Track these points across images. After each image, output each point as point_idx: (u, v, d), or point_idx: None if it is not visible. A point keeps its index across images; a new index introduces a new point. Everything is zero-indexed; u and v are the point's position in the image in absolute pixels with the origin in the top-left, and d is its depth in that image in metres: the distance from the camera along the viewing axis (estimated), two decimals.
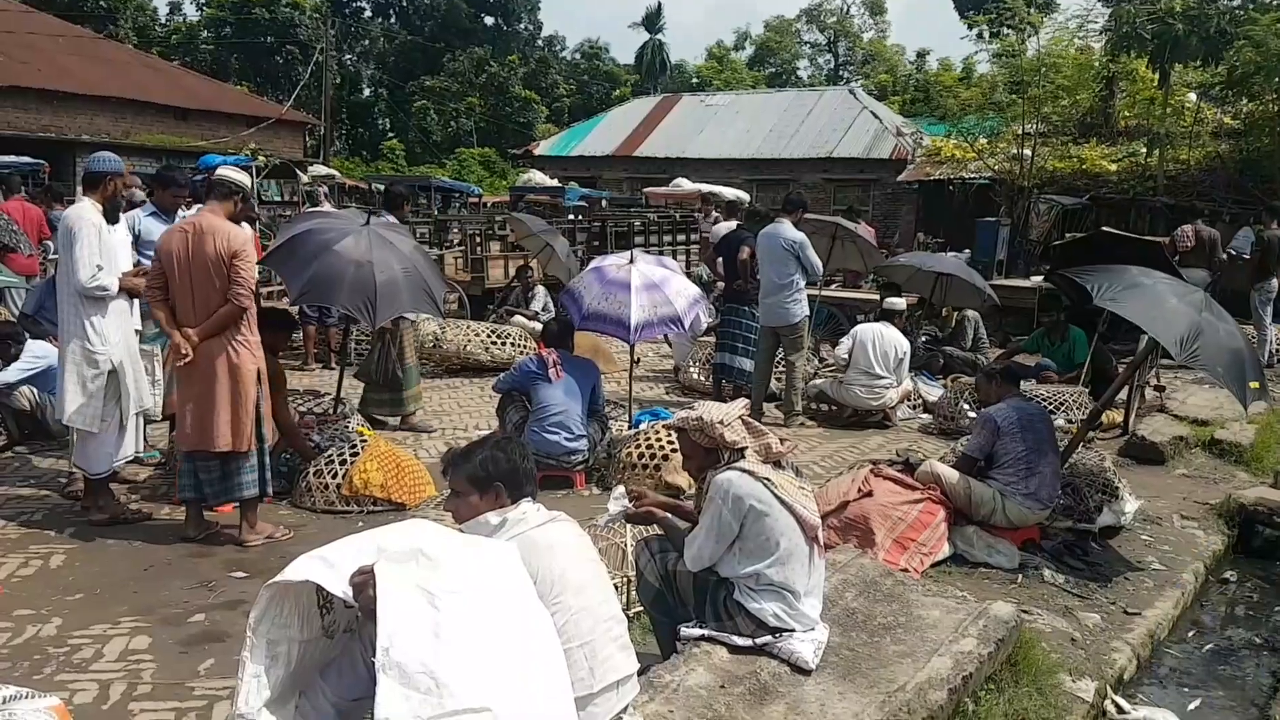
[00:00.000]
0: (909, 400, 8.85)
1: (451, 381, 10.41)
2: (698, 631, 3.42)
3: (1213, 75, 17.47)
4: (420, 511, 5.92)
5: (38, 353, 6.90)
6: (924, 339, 9.91)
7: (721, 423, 3.43)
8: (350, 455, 6.08)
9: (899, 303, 9.32)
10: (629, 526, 4.40)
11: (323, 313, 10.35)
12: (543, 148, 32.24)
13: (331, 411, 6.96)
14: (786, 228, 8.43)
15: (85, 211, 5.26)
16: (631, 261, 6.93)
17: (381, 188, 23.74)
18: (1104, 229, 9.68)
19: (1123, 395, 9.05)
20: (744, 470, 3.39)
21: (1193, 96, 19.10)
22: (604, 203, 20.45)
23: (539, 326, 11.82)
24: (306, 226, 6.14)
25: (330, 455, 6.12)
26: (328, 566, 2.34)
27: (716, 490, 3.38)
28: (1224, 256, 12.18)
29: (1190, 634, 4.97)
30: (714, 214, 14.47)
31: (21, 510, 5.72)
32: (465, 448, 3.01)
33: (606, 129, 31.13)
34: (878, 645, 3.57)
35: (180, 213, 6.64)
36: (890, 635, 3.64)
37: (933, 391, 9.11)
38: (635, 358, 8.46)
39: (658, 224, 16.52)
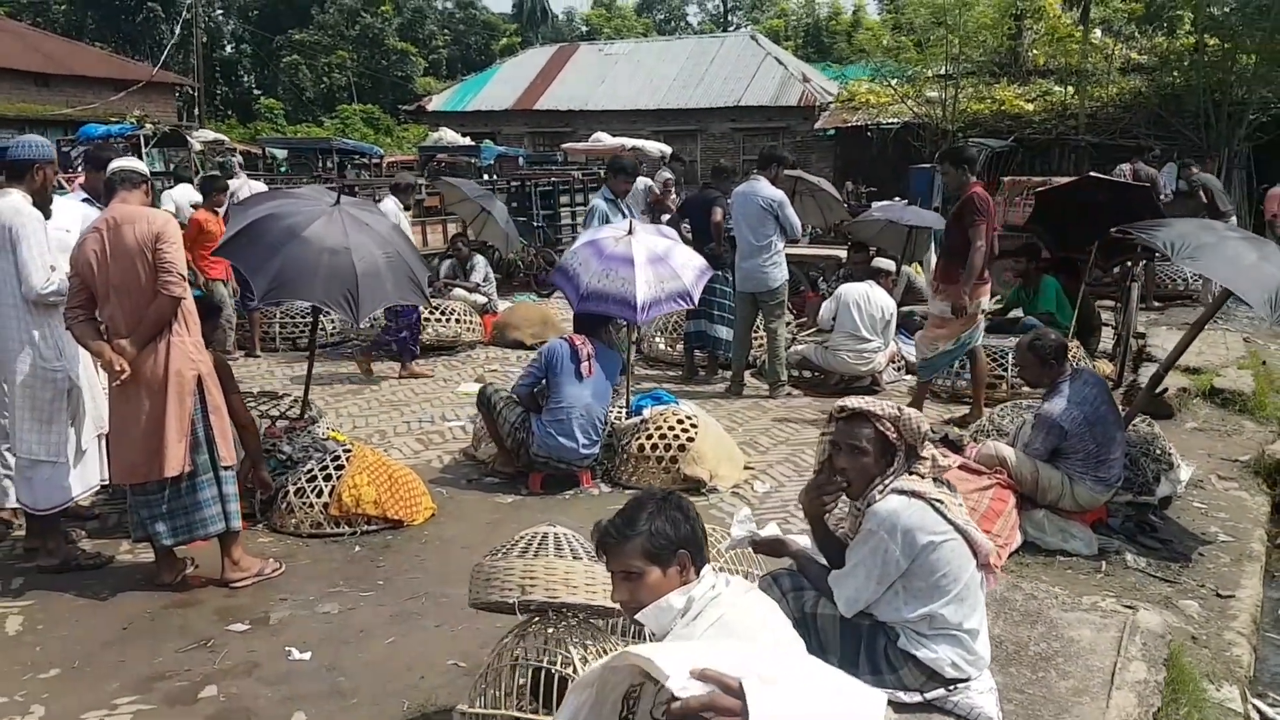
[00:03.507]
0: (894, 362, 8.50)
1: (394, 365, 9.60)
2: None
3: (1117, 11, 17.62)
4: (421, 530, 5.28)
5: None
6: None
7: (923, 424, 2.90)
8: (334, 468, 5.36)
9: (887, 262, 8.92)
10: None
11: (244, 295, 9.38)
12: (436, 102, 30.85)
13: (299, 416, 6.16)
14: (764, 185, 7.92)
15: (21, 205, 4.38)
16: (630, 232, 6.29)
17: (275, 153, 22.29)
18: (1091, 174, 9.45)
19: (1106, 345, 8.96)
20: (911, 493, 2.87)
21: (1098, 33, 19.30)
22: (521, 160, 19.54)
23: (482, 299, 11.11)
24: (266, 210, 5.31)
25: (311, 469, 5.39)
26: (669, 658, 1.61)
27: (879, 523, 2.85)
28: (1166, 196, 12.21)
29: None
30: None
31: None
32: (621, 516, 2.38)
33: (503, 81, 29.94)
34: (1046, 682, 3.14)
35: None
36: (1053, 667, 3.23)
37: (914, 352, 8.78)
38: (636, 336, 7.85)
39: (582, 182, 15.78)
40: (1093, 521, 4.99)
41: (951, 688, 2.90)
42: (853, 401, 3.01)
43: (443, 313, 10.14)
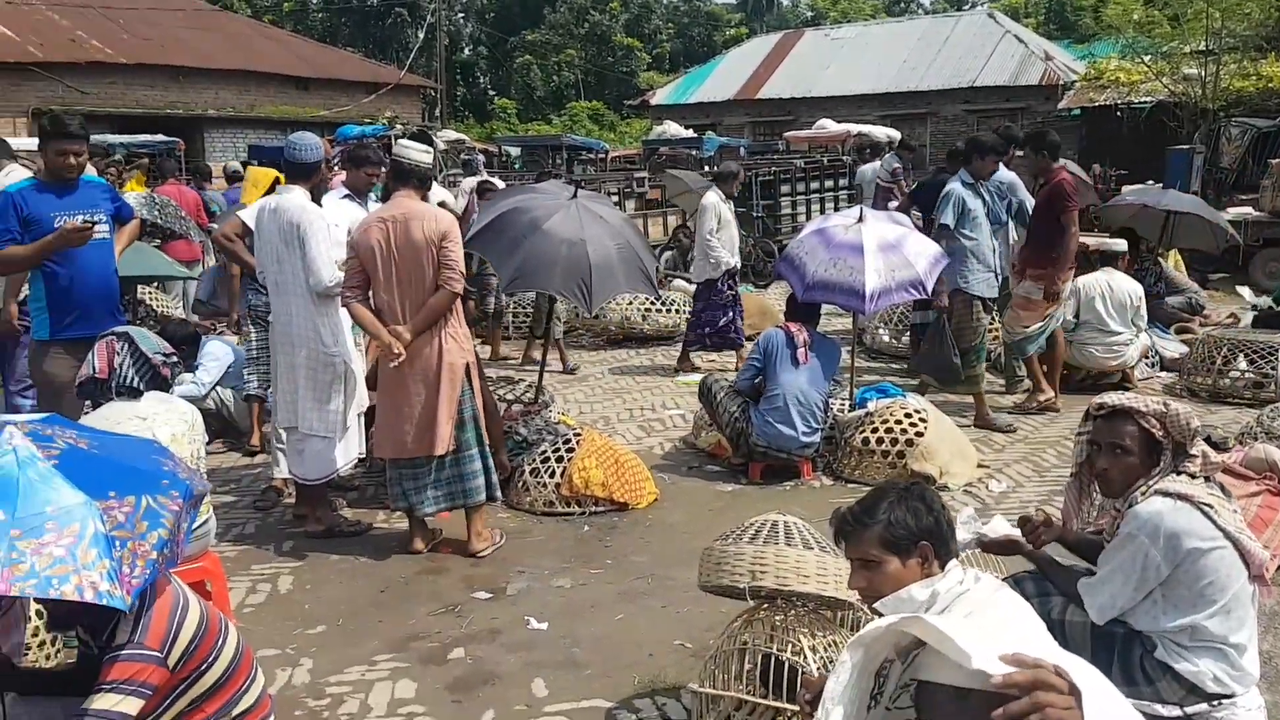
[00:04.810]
0: (1147, 357, 7.92)
1: (617, 354, 9.89)
2: None
3: None
4: (645, 514, 5.42)
5: (217, 354, 6.67)
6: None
7: (1193, 418, 2.71)
8: (565, 451, 5.59)
9: (1119, 243, 8.29)
10: None
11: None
12: (659, 96, 31.38)
13: (533, 401, 6.45)
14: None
15: (307, 203, 4.81)
16: (860, 220, 6.17)
17: (510, 150, 23.35)
18: None
19: None
20: (1178, 495, 2.68)
21: None
22: (742, 150, 19.54)
23: None
24: (511, 204, 5.60)
25: (544, 451, 5.64)
26: (974, 634, 1.59)
27: (1140, 525, 2.68)
28: None
29: None
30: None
31: (232, 522, 5.40)
32: (861, 504, 2.36)
33: (725, 72, 30.04)
34: None
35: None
36: None
37: (1169, 346, 8.17)
38: (860, 327, 7.72)
39: (804, 170, 15.58)
40: None
41: (1215, 703, 2.69)
42: (1112, 398, 2.85)
43: (663, 303, 10.31)
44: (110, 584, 2.15)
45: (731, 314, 8.65)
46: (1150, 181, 13.46)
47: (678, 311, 10.33)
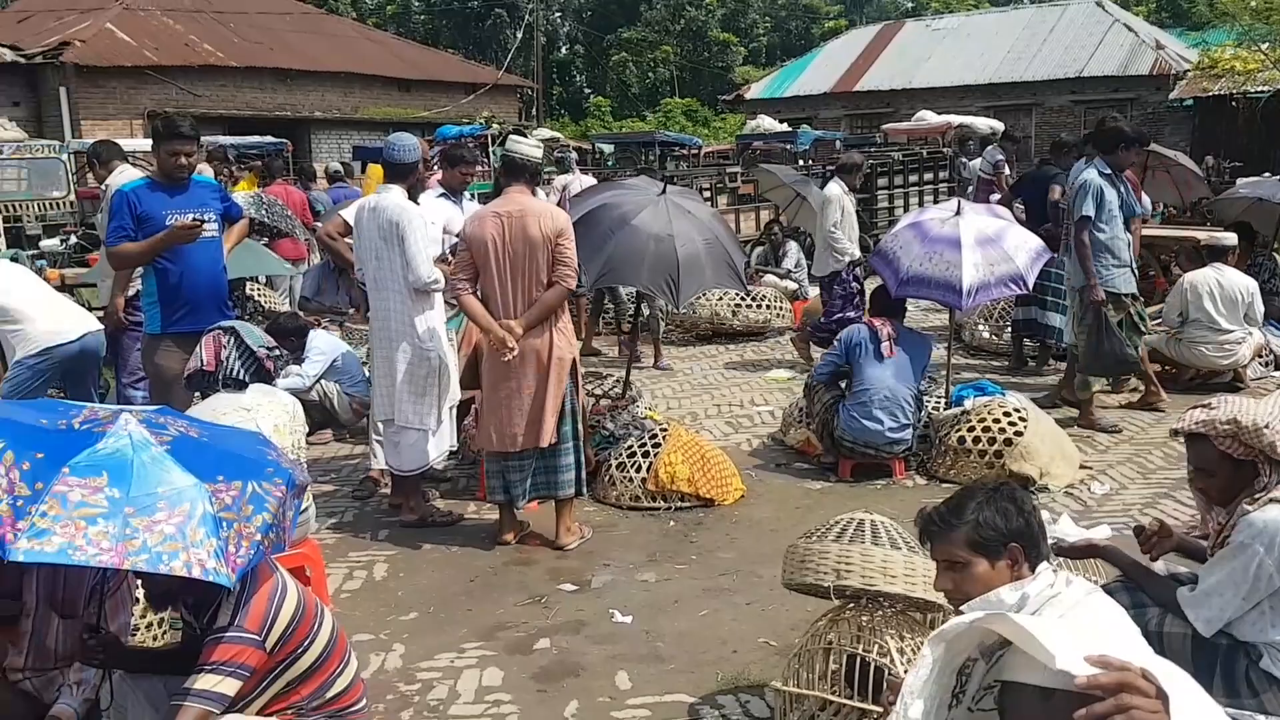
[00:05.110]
0: (1260, 356, 7.56)
1: (706, 349, 9.86)
2: None
3: None
4: (731, 510, 5.40)
5: (323, 348, 6.86)
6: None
7: (1269, 428, 2.61)
8: (652, 446, 5.60)
9: (1229, 237, 7.90)
10: None
11: None
12: (754, 90, 31.19)
13: (621, 396, 6.50)
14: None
15: (405, 202, 4.94)
16: (958, 213, 6.05)
17: (604, 148, 23.50)
18: None
19: None
20: None
21: None
22: (838, 144, 19.28)
23: (793, 286, 11.10)
24: (601, 200, 5.66)
25: (630, 446, 5.67)
26: (1061, 634, 1.56)
27: (1255, 534, 2.57)
28: None
29: None
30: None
31: (331, 510, 5.56)
32: (948, 504, 2.31)
33: (822, 65, 29.70)
34: None
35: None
36: None
37: None
38: (958, 322, 7.55)
39: (902, 164, 15.30)
40: None
41: None
42: (1186, 422, 2.75)
43: (754, 299, 10.24)
44: (217, 561, 2.25)
45: (852, 310, 8.27)
46: (1266, 174, 12.81)
47: (768, 307, 10.26)
